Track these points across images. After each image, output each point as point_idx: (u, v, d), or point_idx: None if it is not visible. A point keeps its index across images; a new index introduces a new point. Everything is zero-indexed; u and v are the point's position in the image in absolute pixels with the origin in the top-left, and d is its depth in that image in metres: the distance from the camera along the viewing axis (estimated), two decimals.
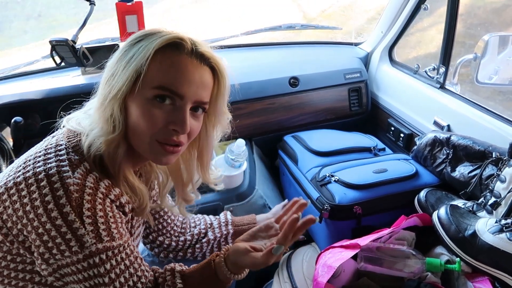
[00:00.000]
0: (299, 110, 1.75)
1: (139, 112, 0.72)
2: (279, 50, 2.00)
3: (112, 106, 0.72)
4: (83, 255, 0.67)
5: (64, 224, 0.65)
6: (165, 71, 0.72)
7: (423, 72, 1.58)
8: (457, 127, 1.39)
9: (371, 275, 1.00)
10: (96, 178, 0.71)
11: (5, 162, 1.17)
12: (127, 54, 0.73)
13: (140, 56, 0.71)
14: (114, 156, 0.73)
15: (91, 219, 0.67)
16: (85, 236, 0.66)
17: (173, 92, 0.73)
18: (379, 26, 1.83)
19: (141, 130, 0.73)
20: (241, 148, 1.43)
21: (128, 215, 0.78)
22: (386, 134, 1.77)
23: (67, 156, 0.70)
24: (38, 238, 0.66)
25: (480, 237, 0.93)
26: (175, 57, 0.73)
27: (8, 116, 1.31)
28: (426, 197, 1.16)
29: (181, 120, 0.73)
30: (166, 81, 0.72)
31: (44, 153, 0.72)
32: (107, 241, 0.69)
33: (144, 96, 0.72)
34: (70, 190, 0.66)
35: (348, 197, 1.20)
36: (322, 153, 1.48)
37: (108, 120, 0.72)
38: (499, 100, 2.39)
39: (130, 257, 0.73)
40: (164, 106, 0.73)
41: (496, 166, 1.09)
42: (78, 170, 0.69)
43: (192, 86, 0.74)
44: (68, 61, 1.42)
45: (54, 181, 0.66)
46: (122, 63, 0.72)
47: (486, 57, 1.38)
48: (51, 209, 0.65)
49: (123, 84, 0.71)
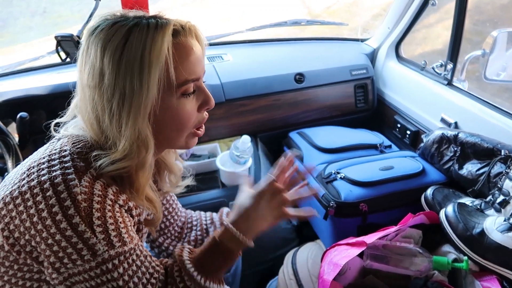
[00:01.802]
0: (305, 106, 1.74)
1: (171, 115, 0.71)
2: (284, 46, 1.99)
3: (138, 126, 0.67)
4: (95, 263, 0.65)
5: (75, 235, 0.63)
6: (182, 63, 0.69)
7: (431, 68, 1.57)
8: (465, 124, 1.38)
9: (377, 273, 1.00)
10: (103, 184, 0.68)
11: (10, 157, 1.17)
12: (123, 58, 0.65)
13: (154, 59, 0.65)
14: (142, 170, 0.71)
15: (101, 228, 0.65)
16: (97, 245, 0.65)
17: (194, 80, 0.72)
18: (385, 22, 1.82)
19: (179, 131, 0.73)
20: (246, 145, 1.43)
21: (136, 218, 0.76)
22: (393, 131, 1.76)
23: (72, 163, 0.67)
24: (48, 248, 0.64)
25: (488, 235, 0.92)
26: (181, 43, 0.70)
27: (14, 111, 1.31)
28: (433, 194, 1.15)
29: (208, 96, 0.75)
30: (188, 74, 0.70)
31: (48, 159, 0.69)
32: (119, 247, 0.67)
33: (170, 98, 0.70)
34: (78, 200, 0.63)
35: (354, 194, 1.20)
36: (328, 150, 1.47)
37: (134, 142, 0.68)
38: (505, 97, 2.37)
39: (141, 257, 0.72)
40: (190, 97, 0.73)
41: (505, 164, 1.08)
42: (84, 178, 0.66)
43: (201, 64, 0.74)
44: (73, 57, 1.41)
45: (60, 190, 0.64)
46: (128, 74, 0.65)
47: (495, 54, 1.36)
48: (60, 220, 0.63)
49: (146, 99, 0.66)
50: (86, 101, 0.69)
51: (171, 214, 1.05)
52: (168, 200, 1.04)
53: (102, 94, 0.66)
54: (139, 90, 0.65)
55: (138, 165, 0.70)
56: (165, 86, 0.68)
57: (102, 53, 0.65)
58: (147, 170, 0.72)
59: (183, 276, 0.76)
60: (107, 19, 0.69)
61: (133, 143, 0.67)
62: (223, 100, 1.58)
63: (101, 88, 0.66)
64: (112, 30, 0.66)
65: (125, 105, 0.66)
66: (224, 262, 0.80)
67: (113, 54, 0.65)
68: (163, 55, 0.66)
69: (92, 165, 0.68)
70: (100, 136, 0.70)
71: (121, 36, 0.66)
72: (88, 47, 0.68)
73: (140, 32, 0.66)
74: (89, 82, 0.67)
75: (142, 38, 0.65)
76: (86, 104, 0.69)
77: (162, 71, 0.66)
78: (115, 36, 0.66)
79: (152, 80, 0.65)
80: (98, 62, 0.66)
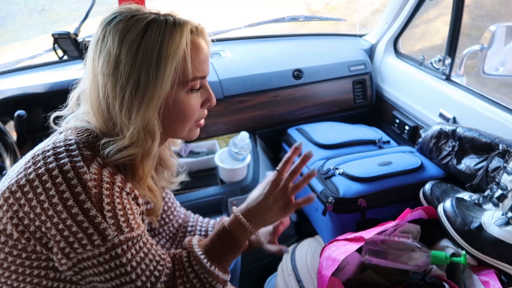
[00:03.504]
0: (303, 102, 1.73)
1: (178, 108, 0.74)
2: (282, 42, 1.99)
3: (148, 116, 0.70)
4: (105, 248, 0.67)
5: (86, 220, 0.65)
6: (195, 60, 0.73)
7: (429, 63, 1.56)
8: (463, 119, 1.38)
9: (376, 268, 1.00)
10: (110, 172, 0.70)
11: (8, 156, 1.17)
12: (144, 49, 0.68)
13: (172, 54, 0.69)
14: (147, 159, 0.74)
15: (111, 213, 0.67)
16: (107, 230, 0.67)
17: (202, 77, 0.76)
18: (384, 17, 1.81)
19: (184, 123, 0.77)
20: (244, 141, 1.43)
21: (142, 207, 0.79)
22: (391, 126, 1.75)
23: (79, 152, 0.69)
24: (58, 234, 0.66)
25: (486, 230, 0.92)
26: (196, 43, 0.74)
27: (12, 109, 1.31)
28: (432, 189, 1.15)
29: (211, 95, 0.80)
30: (197, 71, 0.74)
31: (53, 147, 0.70)
32: (127, 232, 0.69)
33: (180, 92, 0.74)
34: (88, 186, 0.65)
35: (352, 190, 1.20)
36: (326, 146, 1.47)
37: (142, 130, 0.71)
38: (505, 92, 2.37)
39: (147, 244, 0.75)
40: (196, 93, 0.77)
41: (503, 158, 1.08)
42: (92, 165, 0.68)
43: (208, 63, 0.78)
44: (71, 54, 1.42)
45: (70, 177, 0.65)
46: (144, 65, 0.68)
47: (493, 48, 1.36)
48: (71, 206, 0.65)
49: (160, 90, 0.69)
50: (98, 88, 0.71)
51: (167, 213, 1.05)
52: (163, 198, 1.05)
53: (116, 81, 0.69)
54: (155, 80, 0.68)
55: (144, 153, 0.73)
56: (179, 79, 0.72)
57: (120, 43, 0.68)
58: (151, 159, 0.76)
59: (191, 261, 0.79)
60: (122, 12, 0.72)
61: (140, 132, 0.70)
62: (221, 97, 1.58)
63: (115, 76, 0.68)
64: (130, 22, 0.69)
65: (138, 94, 0.68)
66: (230, 250, 0.83)
67: (131, 44, 0.68)
68: (181, 50, 0.70)
69: (99, 153, 0.70)
70: (108, 123, 0.72)
71: (140, 28, 0.69)
72: (105, 36, 0.70)
73: (158, 26, 0.69)
74: (103, 69, 0.69)
75: (160, 31, 0.69)
76: (97, 91, 0.71)
77: (178, 65, 0.70)
78: (133, 28, 0.69)
79: (168, 72, 0.69)
80: (115, 51, 0.68)
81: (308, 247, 1.30)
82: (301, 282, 1.17)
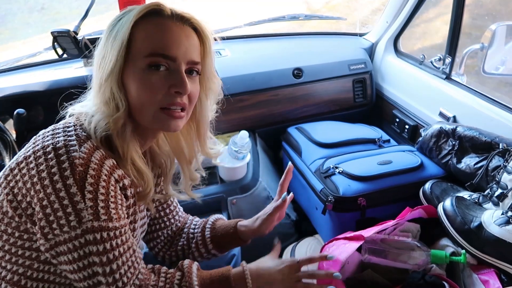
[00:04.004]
0: (303, 101, 1.73)
1: (137, 84, 0.75)
2: (282, 41, 1.99)
3: (110, 86, 0.74)
4: (80, 231, 0.67)
5: (66, 196, 0.66)
6: (151, 37, 0.74)
7: (429, 62, 1.56)
8: (463, 118, 1.37)
9: (376, 267, 1.00)
10: (102, 155, 0.72)
11: (8, 154, 1.17)
12: (112, 32, 0.75)
13: (124, 29, 0.73)
14: (122, 134, 0.76)
15: (91, 195, 0.68)
16: (83, 211, 0.67)
17: (165, 56, 0.75)
18: (384, 16, 1.81)
19: (144, 102, 0.76)
20: (244, 140, 1.43)
21: (130, 199, 0.79)
22: (391, 125, 1.75)
23: (75, 132, 0.73)
24: (41, 211, 0.67)
25: (486, 229, 0.92)
26: (157, 20, 0.76)
27: (11, 108, 1.31)
28: (431, 188, 1.15)
29: (180, 81, 0.76)
30: (155, 47, 0.74)
31: (52, 128, 0.75)
32: (103, 220, 0.69)
33: (138, 68, 0.74)
34: (75, 163, 0.67)
35: (352, 189, 1.20)
36: (326, 144, 1.47)
37: (109, 101, 0.74)
38: (505, 91, 2.37)
39: (124, 245, 0.73)
40: (160, 73, 0.75)
41: (503, 157, 1.08)
42: (85, 145, 0.70)
43: (181, 47, 0.76)
44: (70, 52, 1.41)
45: (61, 153, 0.68)
46: (109, 42, 0.75)
47: (493, 47, 1.36)
48: (56, 181, 0.66)
49: (115, 61, 0.73)
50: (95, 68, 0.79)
51: (163, 219, 1.03)
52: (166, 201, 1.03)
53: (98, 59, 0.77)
54: (109, 53, 0.74)
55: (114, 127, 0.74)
56: (133, 54, 0.74)
57: (108, 27, 0.77)
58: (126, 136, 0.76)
59: (182, 285, 0.78)
60: None
61: (108, 100, 0.74)
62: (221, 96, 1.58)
63: (98, 55, 0.77)
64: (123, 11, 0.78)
65: (101, 67, 0.75)
66: None
67: (110, 27, 0.76)
68: (130, 23, 0.73)
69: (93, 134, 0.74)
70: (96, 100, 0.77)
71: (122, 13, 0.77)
72: None
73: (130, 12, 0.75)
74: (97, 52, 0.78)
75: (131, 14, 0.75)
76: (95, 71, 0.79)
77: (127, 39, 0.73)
78: (120, 14, 0.77)
79: (117, 45, 0.73)
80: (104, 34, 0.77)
81: (308, 246, 1.30)
82: None
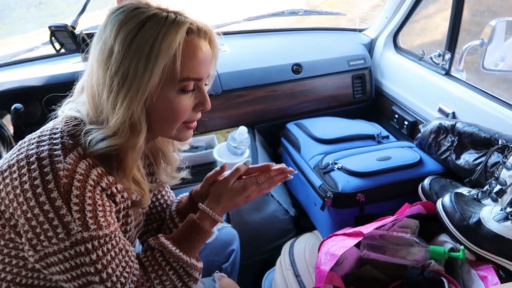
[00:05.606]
0: (302, 97, 1.73)
1: (166, 107, 0.73)
2: (282, 37, 1.98)
3: (131, 109, 0.69)
4: (69, 243, 0.66)
5: (52, 210, 0.64)
6: (188, 61, 0.71)
7: (428, 58, 1.56)
8: (462, 114, 1.37)
9: (374, 263, 1.00)
10: (88, 164, 0.69)
11: (5, 149, 1.17)
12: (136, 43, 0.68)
13: (163, 50, 0.68)
14: (129, 154, 0.73)
15: (78, 207, 0.66)
16: (71, 224, 0.65)
17: (196, 79, 0.74)
18: (384, 11, 1.80)
19: (170, 122, 0.76)
20: (243, 136, 1.42)
21: (121, 204, 0.77)
22: (390, 121, 1.75)
23: (61, 140, 0.69)
24: (26, 223, 0.65)
25: (485, 225, 0.92)
26: (192, 40, 0.72)
27: (8, 103, 1.30)
28: (430, 184, 1.15)
29: (206, 100, 0.78)
30: (191, 72, 0.72)
31: (38, 135, 0.71)
32: (93, 230, 0.67)
33: (169, 91, 0.72)
34: (59, 175, 0.65)
35: (351, 185, 1.19)
36: (325, 140, 1.47)
37: (124, 123, 0.70)
38: (504, 88, 2.36)
39: (116, 248, 0.72)
40: (189, 95, 0.75)
41: (502, 153, 1.07)
42: (70, 155, 0.68)
43: (206, 66, 0.76)
44: (68, 47, 1.40)
45: (44, 164, 0.65)
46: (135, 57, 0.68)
47: (493, 43, 1.35)
48: (40, 194, 0.64)
49: (147, 83, 0.68)
50: (92, 74, 0.72)
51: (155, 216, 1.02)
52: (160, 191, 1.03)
53: (106, 69, 0.69)
54: (142, 74, 0.68)
55: (128, 146, 0.72)
56: (167, 77, 0.70)
57: (117, 32, 0.69)
58: (136, 152, 0.74)
59: (168, 258, 0.79)
60: (130, 4, 0.72)
61: (124, 122, 0.69)
62: (220, 91, 1.57)
63: (107, 64, 0.69)
64: (132, 13, 0.70)
65: (125, 85, 0.68)
66: (199, 240, 0.85)
67: (126, 35, 0.68)
68: (173, 47, 0.68)
69: (81, 142, 0.70)
70: (96, 110, 0.72)
71: (138, 21, 0.69)
72: (106, 24, 0.71)
73: (156, 22, 0.69)
74: (98, 56, 0.70)
75: (157, 27, 0.68)
76: (92, 77, 0.72)
77: (168, 63, 0.69)
78: (133, 19, 0.69)
79: (157, 68, 0.68)
80: (111, 40, 0.69)
81: (307, 242, 1.30)
82: (299, 276, 1.17)
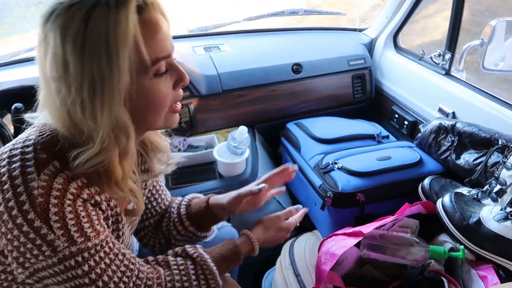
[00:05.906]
0: (302, 97, 1.73)
1: (147, 98, 0.66)
2: (282, 36, 1.97)
3: (114, 114, 0.62)
4: (57, 259, 0.63)
5: (32, 231, 0.61)
6: (152, 41, 0.64)
7: (429, 58, 1.56)
8: (462, 114, 1.37)
9: (374, 262, 1.00)
10: (67, 177, 0.64)
11: None
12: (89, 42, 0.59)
13: (121, 42, 0.59)
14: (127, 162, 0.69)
15: (59, 223, 0.62)
16: (55, 241, 0.62)
17: (165, 57, 0.67)
18: (384, 11, 1.80)
19: (156, 112, 0.69)
20: (243, 135, 1.42)
21: (108, 211, 0.73)
22: (390, 121, 1.75)
23: (34, 155, 0.63)
24: (9, 243, 0.62)
25: (485, 224, 0.92)
26: (146, 20, 0.64)
27: (9, 102, 1.30)
28: (430, 184, 1.15)
29: (183, 74, 0.71)
30: (158, 52, 0.65)
31: (10, 148, 0.65)
32: (81, 243, 0.64)
33: (144, 80, 0.65)
34: (33, 194, 0.60)
35: (351, 185, 1.20)
36: (325, 140, 1.47)
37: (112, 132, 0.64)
38: (504, 88, 2.36)
39: (110, 254, 0.69)
40: (165, 76, 0.68)
41: (502, 153, 1.08)
42: (45, 171, 0.62)
43: (169, 39, 0.69)
44: None
45: (17, 184, 0.61)
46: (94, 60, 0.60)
47: (493, 43, 1.35)
48: (16, 216, 0.60)
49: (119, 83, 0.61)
50: (53, 95, 0.64)
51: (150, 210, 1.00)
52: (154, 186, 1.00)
53: (69, 85, 0.61)
54: (109, 74, 0.60)
55: (121, 154, 0.67)
56: (137, 67, 0.63)
57: (63, 41, 0.59)
58: (130, 158, 0.70)
59: (206, 275, 0.81)
60: (62, 2, 0.61)
61: (111, 132, 0.64)
62: (220, 91, 1.57)
63: (67, 79, 0.61)
64: (69, 13, 0.60)
65: (97, 93, 0.61)
66: (233, 265, 0.90)
67: (74, 40, 0.59)
68: (130, 35, 0.60)
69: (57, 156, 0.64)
70: (73, 131, 0.65)
71: (80, 20, 0.59)
72: (46, 35, 0.62)
73: (100, 13, 0.59)
74: (53, 74, 0.62)
75: (103, 19, 0.59)
76: (53, 98, 0.64)
77: (131, 52, 0.61)
78: (73, 21, 0.59)
79: (122, 62, 0.60)
80: (60, 51, 0.60)
81: (307, 242, 1.30)
82: (299, 276, 1.17)
